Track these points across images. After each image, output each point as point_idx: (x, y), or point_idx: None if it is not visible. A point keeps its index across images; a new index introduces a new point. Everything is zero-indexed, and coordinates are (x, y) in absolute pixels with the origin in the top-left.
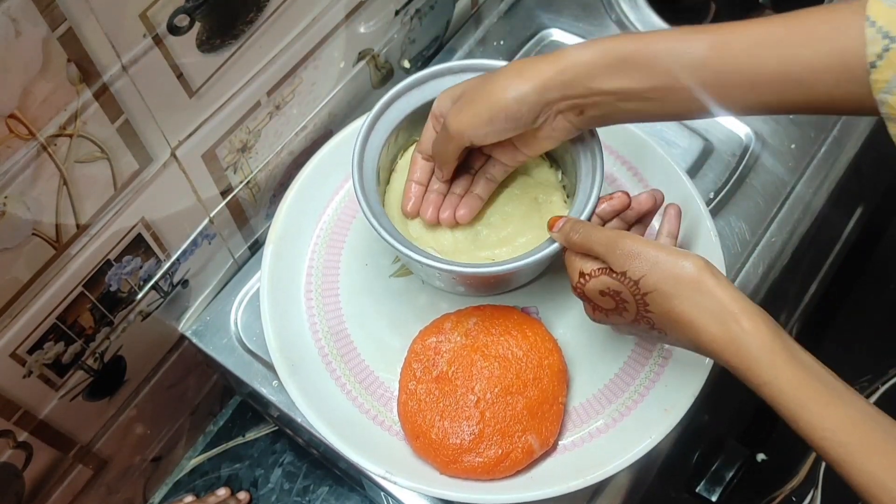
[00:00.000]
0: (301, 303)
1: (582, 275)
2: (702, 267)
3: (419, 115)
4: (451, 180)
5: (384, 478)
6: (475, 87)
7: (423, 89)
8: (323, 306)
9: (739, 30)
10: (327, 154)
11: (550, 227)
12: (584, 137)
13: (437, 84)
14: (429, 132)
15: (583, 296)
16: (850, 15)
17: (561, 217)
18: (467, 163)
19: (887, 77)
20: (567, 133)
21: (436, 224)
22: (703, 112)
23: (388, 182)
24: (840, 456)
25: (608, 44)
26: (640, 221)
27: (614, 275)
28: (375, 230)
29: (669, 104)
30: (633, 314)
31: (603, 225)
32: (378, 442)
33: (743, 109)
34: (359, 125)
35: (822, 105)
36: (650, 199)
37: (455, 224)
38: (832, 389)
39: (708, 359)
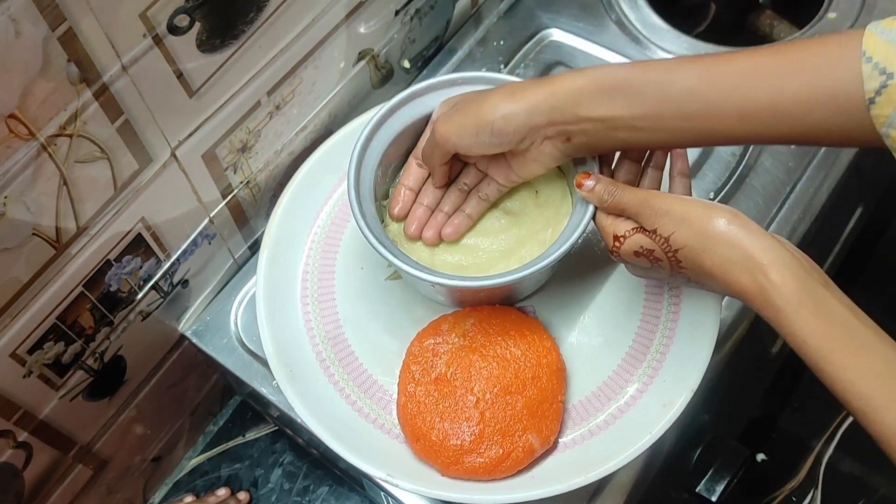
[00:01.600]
0: (297, 308)
1: (616, 238)
2: (730, 219)
3: (418, 129)
4: (443, 195)
5: (386, 481)
6: (468, 99)
7: (421, 102)
8: (319, 311)
9: (729, 61)
10: (320, 158)
11: (579, 185)
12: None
13: (437, 96)
14: (426, 138)
15: (620, 258)
16: (840, 49)
17: (590, 175)
18: (461, 179)
19: (887, 112)
20: (554, 159)
21: (418, 239)
22: (692, 142)
23: (386, 196)
24: (860, 407)
25: (599, 72)
26: (651, 164)
27: (646, 233)
28: (370, 243)
29: (658, 133)
30: (667, 271)
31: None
32: (379, 445)
33: (733, 139)
34: (353, 128)
35: (812, 136)
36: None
37: (438, 242)
38: (858, 340)
39: (705, 355)
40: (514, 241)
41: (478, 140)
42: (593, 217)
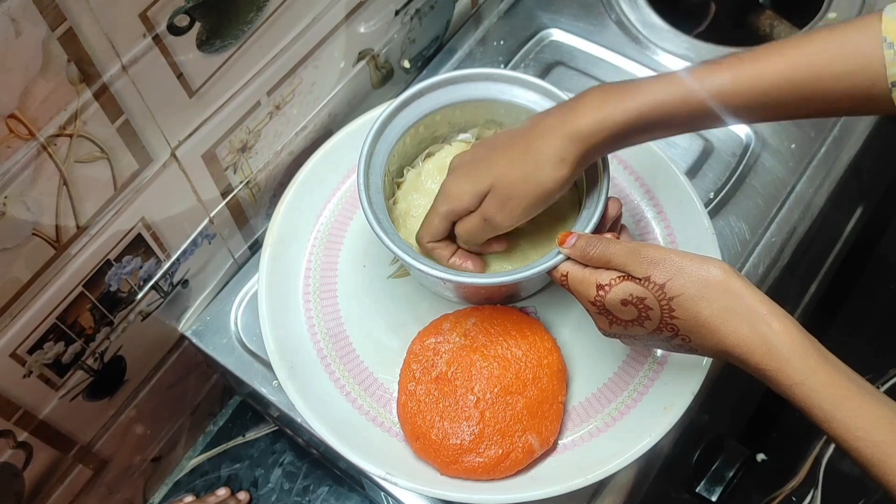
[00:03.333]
0: (299, 305)
1: (600, 287)
2: (727, 270)
3: (428, 122)
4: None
5: (385, 479)
6: (513, 184)
7: (425, 100)
8: (321, 308)
9: (754, 65)
10: (324, 156)
11: (561, 243)
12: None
13: (439, 95)
14: (441, 225)
15: (602, 309)
16: (860, 36)
17: (571, 233)
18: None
19: None
20: None
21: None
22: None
23: (393, 194)
24: (874, 455)
25: (623, 111)
26: (611, 230)
27: (637, 280)
28: (379, 237)
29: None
30: (655, 322)
31: None
32: (378, 443)
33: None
34: (357, 126)
35: (832, 114)
36: (615, 205)
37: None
38: (864, 389)
39: (706, 358)
40: (512, 246)
41: (530, 215)
42: (596, 227)
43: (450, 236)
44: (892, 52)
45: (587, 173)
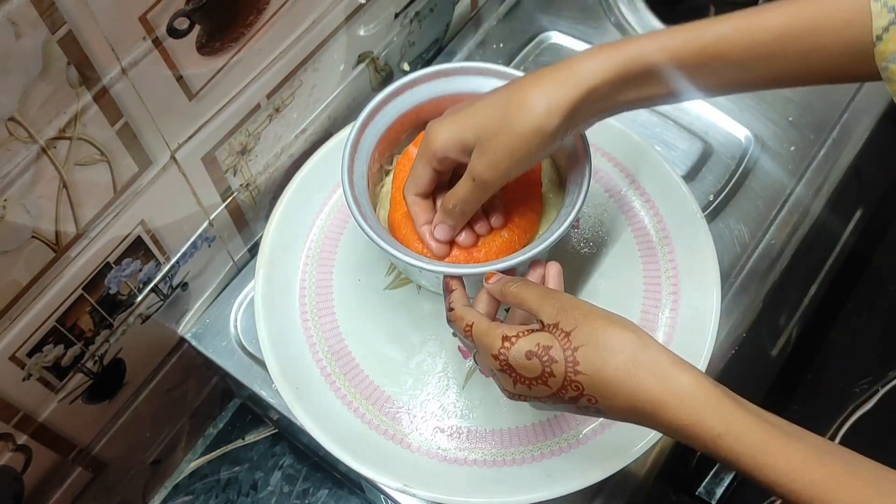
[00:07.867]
0: (298, 325)
1: (506, 339)
2: (635, 326)
3: (419, 111)
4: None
5: (403, 491)
6: (498, 130)
7: (418, 90)
8: (320, 326)
9: (754, 17)
10: (307, 174)
11: (487, 279)
12: (575, 148)
13: (425, 88)
14: (424, 173)
15: (505, 365)
16: None
17: (495, 274)
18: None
19: (892, 49)
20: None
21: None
22: (710, 92)
23: (381, 180)
24: (813, 493)
25: (625, 54)
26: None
27: (546, 328)
28: (375, 243)
29: (687, 95)
30: (560, 380)
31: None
32: (392, 456)
33: (745, 87)
34: (335, 143)
35: (814, 71)
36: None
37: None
38: (786, 430)
39: (708, 341)
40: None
41: (528, 166)
42: (577, 216)
43: (434, 202)
44: (879, 5)
45: (570, 172)
